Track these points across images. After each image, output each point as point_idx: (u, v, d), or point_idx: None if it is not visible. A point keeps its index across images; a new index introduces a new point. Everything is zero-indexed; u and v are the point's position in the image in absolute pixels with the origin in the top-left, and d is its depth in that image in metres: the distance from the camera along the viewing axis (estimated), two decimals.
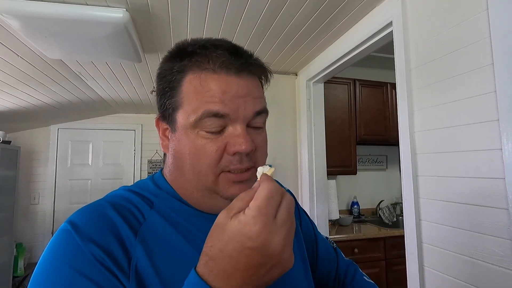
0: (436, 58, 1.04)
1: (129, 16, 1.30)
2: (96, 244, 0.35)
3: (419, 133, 1.11)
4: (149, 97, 2.75)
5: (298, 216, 0.61)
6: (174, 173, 0.45)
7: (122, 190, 0.44)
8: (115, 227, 0.37)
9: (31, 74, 1.85)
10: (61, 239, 0.36)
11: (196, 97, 0.39)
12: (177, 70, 0.41)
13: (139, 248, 0.37)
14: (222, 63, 0.39)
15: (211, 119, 0.39)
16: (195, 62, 0.40)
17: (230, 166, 0.40)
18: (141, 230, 0.39)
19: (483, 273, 0.86)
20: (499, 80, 0.81)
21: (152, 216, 0.41)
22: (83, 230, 0.36)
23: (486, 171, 0.86)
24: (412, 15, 1.16)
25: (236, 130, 0.40)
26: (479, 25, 0.88)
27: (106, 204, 0.40)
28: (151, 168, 3.44)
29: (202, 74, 0.39)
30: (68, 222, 0.37)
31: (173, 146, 0.43)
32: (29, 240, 2.96)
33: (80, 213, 0.39)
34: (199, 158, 0.40)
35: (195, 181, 0.42)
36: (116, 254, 0.35)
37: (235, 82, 0.40)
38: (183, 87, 0.40)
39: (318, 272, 0.60)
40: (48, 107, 2.56)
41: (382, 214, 2.74)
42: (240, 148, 0.39)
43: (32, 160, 3.07)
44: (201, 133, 0.40)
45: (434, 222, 1.04)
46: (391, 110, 2.74)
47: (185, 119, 0.40)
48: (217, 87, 0.39)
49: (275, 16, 1.42)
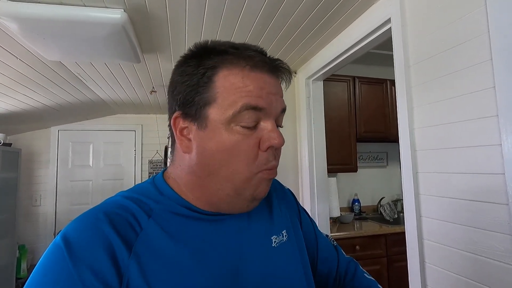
0: (435, 54, 1.04)
1: (127, 16, 1.30)
2: (87, 269, 0.33)
3: (419, 129, 1.11)
4: (148, 97, 2.75)
5: (298, 216, 0.61)
6: (191, 174, 0.43)
7: (120, 197, 0.43)
8: (108, 244, 0.36)
9: (30, 76, 1.86)
10: (53, 261, 0.35)
11: (233, 92, 0.40)
12: (208, 66, 0.41)
13: (132, 265, 0.36)
14: (258, 62, 0.41)
15: (249, 112, 0.40)
16: (229, 59, 0.41)
17: (267, 163, 0.42)
18: (137, 243, 0.37)
19: (484, 269, 0.86)
20: (498, 76, 0.81)
21: (149, 227, 0.39)
22: (76, 250, 0.34)
23: (485, 166, 0.86)
24: (410, 12, 1.16)
25: (268, 125, 0.41)
26: (477, 20, 0.88)
27: (101, 216, 0.38)
28: (152, 168, 3.45)
29: (238, 71, 0.40)
30: (62, 237, 0.36)
31: (201, 144, 0.41)
32: (32, 241, 2.97)
33: (74, 227, 0.37)
34: (235, 154, 0.40)
35: (224, 180, 0.41)
36: (108, 276, 0.34)
37: (269, 80, 0.42)
38: (216, 83, 0.40)
39: (318, 271, 0.60)
40: (48, 109, 2.56)
41: (383, 211, 2.75)
42: (274, 142, 0.40)
43: (33, 162, 3.08)
44: (236, 128, 0.40)
45: (434, 218, 1.05)
46: (391, 107, 2.74)
47: (220, 114, 0.40)
48: (255, 83, 0.40)
49: (273, 14, 1.42)
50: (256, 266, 0.45)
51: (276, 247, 0.48)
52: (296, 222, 0.57)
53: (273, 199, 0.56)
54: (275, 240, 0.49)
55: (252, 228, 0.48)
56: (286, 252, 0.50)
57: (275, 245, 0.49)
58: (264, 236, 0.48)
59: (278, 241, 0.49)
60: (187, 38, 1.63)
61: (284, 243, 0.50)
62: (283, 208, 0.56)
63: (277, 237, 0.50)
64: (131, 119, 3.46)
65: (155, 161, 3.46)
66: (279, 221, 0.53)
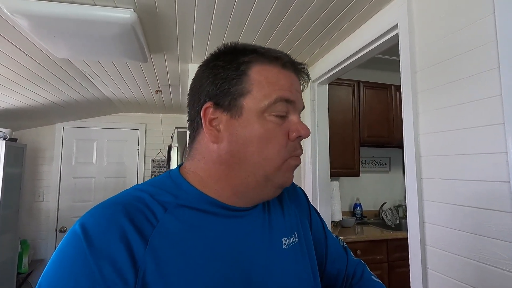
0: (442, 61, 1.04)
1: (137, 16, 1.32)
2: (105, 260, 0.34)
3: (424, 135, 1.12)
4: (153, 96, 2.77)
5: (309, 215, 0.61)
6: (219, 164, 0.44)
7: (136, 190, 0.43)
8: (125, 236, 0.36)
9: (38, 73, 1.88)
10: (71, 249, 0.35)
11: (267, 85, 0.43)
12: (242, 61, 0.44)
13: (148, 258, 0.36)
14: (287, 62, 0.46)
15: (282, 104, 0.44)
16: (262, 57, 0.45)
17: (295, 151, 0.45)
18: (153, 236, 0.38)
19: (487, 276, 0.86)
20: (505, 84, 0.81)
21: (166, 220, 0.40)
22: (94, 240, 0.35)
23: (491, 174, 0.86)
24: (418, 18, 1.16)
25: (295, 118, 0.46)
26: (485, 28, 0.88)
27: (118, 207, 0.39)
28: (155, 167, 3.46)
29: (271, 67, 0.45)
30: (80, 225, 0.36)
31: (233, 132, 0.43)
32: (34, 237, 2.99)
33: (92, 217, 0.38)
34: (268, 141, 0.43)
35: (256, 166, 0.43)
36: (124, 268, 0.34)
37: (295, 80, 0.47)
38: (250, 76, 0.44)
39: (327, 272, 0.61)
40: (54, 106, 2.59)
41: (384, 216, 2.74)
42: (302, 132, 0.45)
43: (37, 158, 3.10)
44: (269, 117, 0.43)
45: (438, 224, 1.04)
46: (395, 112, 2.74)
47: (255, 104, 0.43)
48: (286, 80, 0.45)
49: (281, 17, 1.43)
50: (265, 267, 0.45)
51: (286, 249, 0.49)
52: (306, 223, 0.58)
53: (285, 199, 0.57)
54: (286, 242, 0.50)
55: (265, 228, 0.49)
56: (295, 254, 0.51)
57: (285, 247, 0.49)
58: (275, 238, 0.49)
59: (288, 243, 0.50)
60: (194, 39, 1.65)
61: (294, 245, 0.51)
62: (294, 208, 0.57)
63: (288, 239, 0.50)
64: (135, 118, 3.47)
65: (158, 160, 3.47)
66: (290, 222, 0.53)
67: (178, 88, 2.55)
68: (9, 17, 1.23)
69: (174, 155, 2.68)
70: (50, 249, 3.04)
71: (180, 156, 2.63)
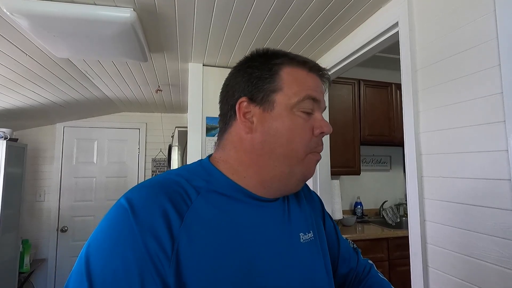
0: (443, 59, 1.04)
1: (136, 15, 1.32)
2: (148, 229, 0.38)
3: (424, 134, 1.12)
4: (154, 96, 2.77)
5: (323, 218, 0.65)
6: (250, 153, 0.49)
7: (173, 174, 0.47)
8: (165, 212, 0.40)
9: (38, 73, 1.88)
10: (118, 220, 0.40)
11: (297, 84, 0.49)
12: (274, 63, 0.50)
13: (183, 233, 0.40)
14: (313, 66, 0.52)
15: (309, 101, 0.49)
16: (292, 60, 0.51)
17: (317, 147, 0.50)
18: (187, 214, 0.42)
19: (488, 274, 0.86)
20: (506, 82, 0.81)
21: (198, 202, 0.44)
22: (139, 213, 0.39)
23: (491, 172, 0.86)
24: (418, 16, 1.16)
25: (319, 116, 0.51)
26: (486, 26, 0.88)
27: (158, 187, 0.43)
28: (155, 166, 3.47)
29: (299, 69, 0.50)
30: (126, 199, 0.41)
31: (266, 124, 0.48)
32: (35, 236, 3.00)
33: (136, 193, 0.42)
34: (296, 134, 0.48)
35: (283, 157, 0.48)
36: (164, 239, 0.39)
37: (320, 82, 0.52)
38: (281, 76, 0.49)
39: (339, 271, 0.65)
40: (55, 106, 2.59)
41: (385, 214, 2.74)
42: (325, 129, 0.49)
43: (38, 158, 3.11)
44: (297, 113, 0.48)
45: (438, 222, 1.04)
46: (396, 111, 2.73)
47: (286, 100, 0.48)
48: (313, 82, 0.51)
49: (281, 16, 1.42)
50: (284, 257, 0.48)
51: (303, 243, 0.52)
52: (320, 224, 0.61)
53: (302, 198, 0.60)
54: (303, 237, 0.53)
55: (285, 221, 0.52)
56: (311, 249, 0.54)
57: (303, 241, 0.53)
58: (294, 231, 0.53)
59: (305, 238, 0.53)
60: (194, 39, 1.64)
61: (310, 241, 0.54)
62: (309, 209, 0.60)
63: (304, 235, 0.54)
64: (136, 117, 3.47)
65: (159, 159, 3.48)
66: (306, 219, 0.57)
67: (178, 87, 2.55)
68: (9, 17, 1.23)
69: (174, 154, 2.68)
70: (51, 249, 3.05)
71: (181, 156, 2.63)
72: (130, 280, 0.36)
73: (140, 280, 0.36)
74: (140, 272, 0.36)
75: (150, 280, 0.36)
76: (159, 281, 0.37)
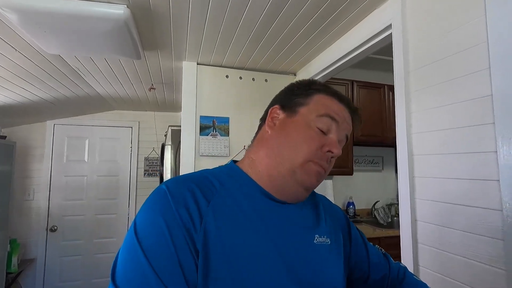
0: (435, 61, 1.05)
1: (130, 12, 1.30)
2: (181, 205, 0.47)
3: (416, 135, 1.13)
4: (147, 94, 2.74)
5: (348, 231, 0.68)
6: (265, 147, 0.57)
7: (203, 171, 0.57)
8: (194, 195, 0.49)
9: (28, 69, 1.84)
10: (158, 196, 0.49)
11: (322, 106, 0.56)
12: (313, 88, 0.59)
13: (209, 213, 0.48)
14: (343, 98, 0.59)
15: (326, 119, 0.55)
16: (328, 90, 0.59)
17: (320, 160, 0.54)
18: (213, 199, 0.50)
19: (477, 273, 0.88)
20: (495, 84, 0.83)
21: (222, 191, 0.52)
22: (174, 193, 0.48)
23: (481, 173, 0.87)
24: (411, 18, 1.17)
25: (334, 137, 0.55)
26: (477, 29, 0.90)
27: (190, 179, 0.52)
28: (148, 165, 3.43)
29: (330, 98, 0.58)
30: (164, 184, 0.50)
31: (283, 126, 0.57)
32: (23, 236, 2.93)
33: (172, 180, 0.52)
34: (304, 141, 0.54)
35: (287, 157, 0.54)
36: (194, 214, 0.47)
37: (347, 113, 0.58)
38: (313, 98, 0.58)
39: (372, 279, 0.68)
40: (45, 103, 2.54)
41: (377, 214, 2.77)
42: (333, 149, 0.54)
43: (28, 156, 3.04)
44: (313, 127, 0.55)
45: (429, 222, 1.06)
46: (388, 112, 2.77)
47: (308, 113, 0.56)
48: (338, 109, 0.57)
49: (276, 15, 1.43)
50: (295, 251, 0.52)
51: (316, 244, 0.56)
52: (340, 236, 0.64)
53: (321, 208, 0.64)
54: (318, 239, 0.57)
55: (299, 221, 0.57)
56: (324, 252, 0.57)
57: (316, 242, 0.56)
58: (309, 231, 0.57)
59: (320, 241, 0.57)
60: (189, 37, 1.63)
61: (325, 244, 0.58)
62: (329, 220, 0.64)
63: (319, 237, 0.57)
64: (128, 116, 3.43)
65: (151, 158, 3.44)
66: (323, 226, 0.60)
67: (172, 86, 2.53)
68: None
69: (167, 153, 2.65)
70: (40, 248, 2.99)
71: (174, 155, 2.61)
72: (167, 237, 0.44)
73: (175, 238, 0.44)
74: (175, 233, 0.45)
75: (182, 240, 0.45)
76: (190, 242, 0.45)
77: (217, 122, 2.08)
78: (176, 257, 0.44)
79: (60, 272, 3.03)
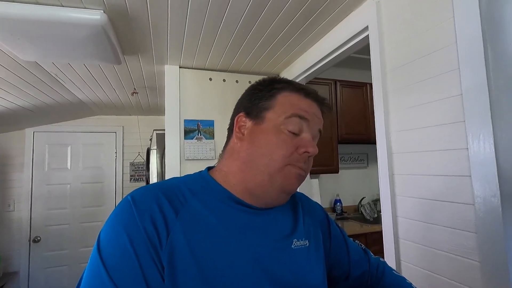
0: (409, 61, 1.09)
1: (107, 17, 1.28)
2: (146, 216, 0.45)
3: (395, 133, 1.16)
4: (130, 99, 2.70)
5: (328, 227, 0.68)
6: (237, 160, 0.54)
7: (173, 179, 0.55)
8: (161, 207, 0.47)
9: (3, 76, 1.78)
10: (122, 208, 0.47)
11: (288, 106, 0.54)
12: (275, 87, 0.56)
13: (178, 225, 0.46)
14: (310, 92, 0.57)
15: (296, 119, 0.53)
16: (291, 86, 0.56)
17: (297, 162, 0.52)
18: (182, 210, 0.48)
19: (455, 266, 0.91)
20: (464, 84, 0.86)
21: (193, 201, 0.50)
22: (140, 205, 0.46)
23: (454, 169, 0.91)
24: (386, 21, 1.21)
25: (307, 136, 0.54)
26: (446, 31, 0.93)
27: (158, 188, 0.50)
28: (133, 170, 3.38)
29: (296, 95, 0.56)
30: (129, 195, 0.48)
31: (253, 135, 0.54)
32: (5, 249, 2.83)
33: (139, 190, 0.50)
34: (278, 147, 0.52)
35: (263, 166, 0.52)
36: (160, 228, 0.45)
37: (316, 108, 0.57)
38: (278, 99, 0.55)
39: (352, 274, 0.68)
40: (23, 110, 2.46)
41: (363, 210, 2.83)
42: (310, 149, 0.52)
43: (6, 166, 2.94)
44: (284, 130, 0.52)
45: (409, 218, 1.09)
46: (371, 110, 2.82)
47: (275, 117, 0.53)
48: (305, 104, 0.55)
49: (256, 19, 1.43)
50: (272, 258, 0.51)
51: (294, 248, 0.55)
52: (319, 235, 0.64)
53: (299, 209, 0.63)
54: (296, 243, 0.56)
55: (276, 226, 0.56)
56: (303, 255, 0.56)
57: (294, 247, 0.55)
58: (286, 236, 0.56)
59: (298, 245, 0.56)
60: (169, 41, 1.62)
61: (303, 247, 0.57)
62: (307, 220, 0.63)
63: (298, 241, 0.56)
64: (111, 121, 3.37)
65: (137, 163, 3.39)
66: (301, 229, 0.59)
67: (155, 89, 2.50)
68: None
69: (153, 157, 2.62)
70: (23, 261, 2.89)
71: (160, 159, 2.58)
72: (131, 254, 0.43)
73: (140, 254, 0.43)
74: (139, 249, 0.43)
75: (147, 256, 0.43)
76: (156, 258, 0.44)
77: (202, 125, 2.07)
78: (142, 275, 0.42)
79: (45, 283, 2.94)
